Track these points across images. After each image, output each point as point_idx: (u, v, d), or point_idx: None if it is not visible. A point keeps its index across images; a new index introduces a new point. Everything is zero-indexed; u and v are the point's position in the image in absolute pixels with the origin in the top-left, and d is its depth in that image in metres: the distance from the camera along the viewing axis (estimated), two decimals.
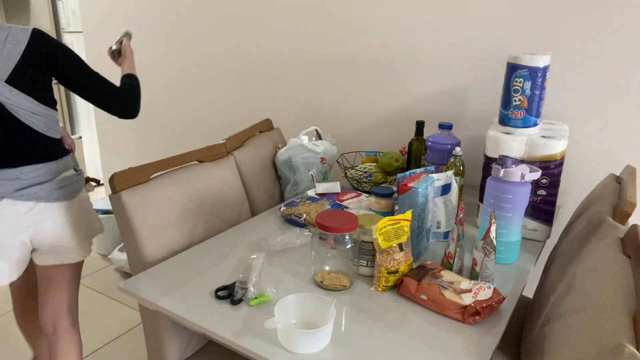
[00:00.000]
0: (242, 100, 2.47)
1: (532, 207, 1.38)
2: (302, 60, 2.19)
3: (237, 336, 0.96)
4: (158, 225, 1.34)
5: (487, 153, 1.42)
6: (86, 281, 2.64)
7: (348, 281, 1.13)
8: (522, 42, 1.67)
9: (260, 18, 2.27)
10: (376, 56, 1.98)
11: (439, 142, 1.61)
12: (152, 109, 2.84)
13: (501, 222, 1.22)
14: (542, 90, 1.35)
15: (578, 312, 0.84)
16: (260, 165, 1.81)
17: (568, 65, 1.61)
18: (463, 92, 1.82)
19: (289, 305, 0.98)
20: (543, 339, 0.89)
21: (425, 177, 1.29)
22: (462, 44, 1.78)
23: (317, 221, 1.11)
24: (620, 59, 1.53)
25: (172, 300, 1.07)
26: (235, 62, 2.43)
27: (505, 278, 1.19)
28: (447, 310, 1.02)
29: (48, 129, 1.38)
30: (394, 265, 1.10)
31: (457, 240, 1.15)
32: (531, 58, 1.32)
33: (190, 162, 1.53)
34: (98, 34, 3.01)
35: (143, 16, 2.72)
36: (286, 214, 1.49)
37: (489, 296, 1.01)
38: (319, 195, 1.64)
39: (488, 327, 1.00)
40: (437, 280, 1.07)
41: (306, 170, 1.79)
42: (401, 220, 1.11)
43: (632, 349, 0.68)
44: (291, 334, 0.91)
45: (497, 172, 1.21)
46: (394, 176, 1.76)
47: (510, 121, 1.39)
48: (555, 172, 1.34)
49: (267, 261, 1.25)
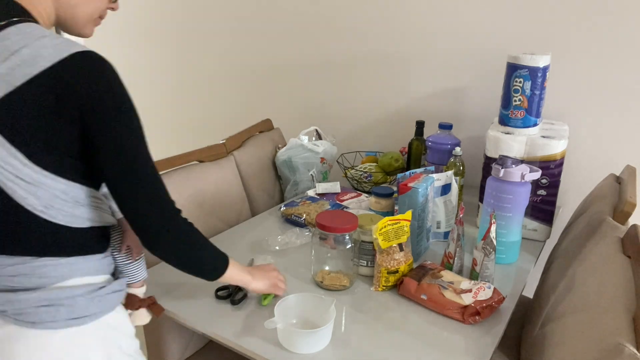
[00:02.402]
0: (242, 100, 2.47)
1: (532, 207, 1.38)
2: (302, 61, 2.19)
3: (237, 336, 0.96)
4: None
5: (487, 153, 1.42)
6: None
7: (348, 281, 1.13)
8: (522, 42, 1.67)
9: (260, 18, 2.27)
10: (376, 56, 1.98)
11: (439, 142, 1.61)
12: (152, 109, 2.84)
13: (501, 222, 1.22)
14: (542, 90, 1.35)
15: (578, 312, 0.84)
16: (260, 165, 1.81)
17: (568, 65, 1.61)
18: (463, 92, 1.82)
19: (289, 305, 0.98)
20: (543, 339, 0.89)
21: (425, 177, 1.29)
22: (462, 44, 1.78)
23: (317, 221, 1.11)
24: (621, 59, 1.53)
25: (172, 301, 1.07)
26: (235, 62, 2.43)
27: (505, 278, 1.19)
28: (447, 310, 1.02)
29: (47, 209, 0.79)
30: (394, 265, 1.10)
31: (457, 240, 1.15)
32: (531, 58, 1.32)
33: (190, 162, 1.53)
34: (98, 35, 3.00)
35: (143, 16, 2.72)
36: (286, 214, 1.49)
37: (489, 296, 1.01)
38: (319, 195, 1.64)
39: (488, 327, 1.00)
40: (437, 280, 1.07)
41: (306, 170, 1.79)
42: (401, 220, 1.11)
43: (632, 349, 0.68)
44: (291, 334, 0.91)
45: (497, 172, 1.21)
46: (394, 176, 1.76)
47: (510, 121, 1.39)
48: (555, 172, 1.34)
49: (268, 261, 1.25)
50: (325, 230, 1.09)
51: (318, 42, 2.12)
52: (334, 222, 1.10)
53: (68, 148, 0.78)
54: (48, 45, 0.75)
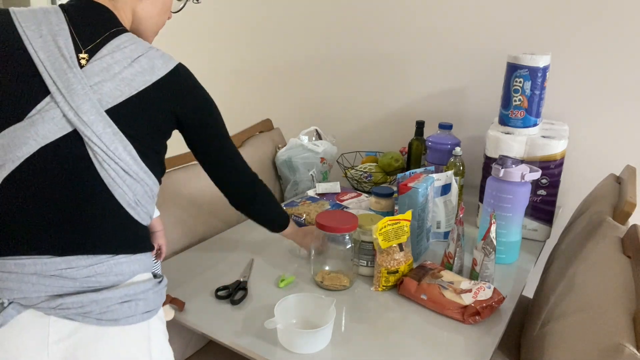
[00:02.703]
0: (242, 100, 2.47)
1: (532, 207, 1.38)
2: (302, 61, 2.19)
3: (237, 336, 0.96)
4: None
5: (487, 153, 1.42)
6: None
7: (348, 281, 1.13)
8: (522, 42, 1.67)
9: (259, 18, 2.27)
10: (376, 56, 1.98)
11: (439, 142, 1.61)
12: None
13: (501, 222, 1.22)
14: (542, 90, 1.35)
15: (578, 312, 0.84)
16: (260, 165, 1.81)
17: (568, 65, 1.61)
18: (463, 92, 1.82)
19: (289, 305, 0.98)
20: (543, 339, 0.89)
21: (425, 177, 1.29)
22: (462, 44, 1.78)
23: (317, 221, 1.11)
24: (621, 59, 1.53)
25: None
26: (235, 62, 2.43)
27: (505, 278, 1.19)
28: (447, 310, 1.02)
29: (137, 205, 0.85)
30: (394, 265, 1.10)
31: (457, 240, 1.15)
32: (531, 58, 1.32)
33: (190, 162, 1.53)
34: None
35: None
36: None
37: (489, 296, 1.01)
38: (319, 195, 1.64)
39: (488, 327, 1.00)
40: (437, 280, 1.06)
41: (306, 170, 1.79)
42: (401, 220, 1.11)
43: (632, 349, 0.68)
44: (291, 334, 0.91)
45: (497, 172, 1.21)
46: (394, 176, 1.76)
47: (510, 121, 1.39)
48: (555, 172, 1.34)
49: (268, 261, 1.25)
50: (325, 230, 1.09)
51: (318, 42, 2.12)
52: (334, 222, 1.10)
53: (163, 147, 0.91)
54: (157, 56, 0.87)
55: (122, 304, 0.81)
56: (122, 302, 0.82)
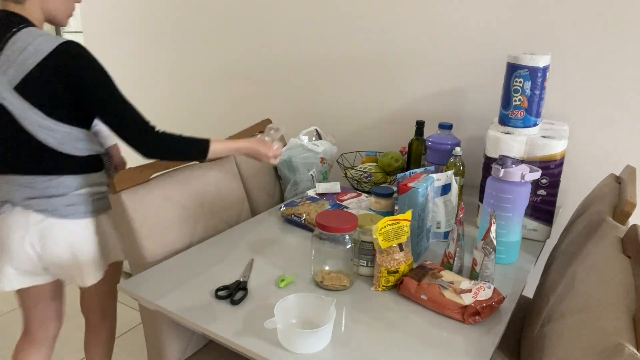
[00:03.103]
0: (242, 100, 2.47)
1: (532, 207, 1.38)
2: (302, 61, 2.19)
3: (237, 336, 0.96)
4: (158, 226, 1.34)
5: (487, 153, 1.42)
6: None
7: (348, 281, 1.13)
8: (522, 42, 1.67)
9: (260, 18, 2.27)
10: (376, 56, 1.98)
11: (439, 142, 1.61)
12: (152, 109, 2.84)
13: (501, 222, 1.22)
14: (542, 90, 1.35)
15: (578, 312, 0.84)
16: (260, 165, 1.81)
17: (568, 65, 1.61)
18: (463, 92, 1.82)
19: (289, 305, 0.98)
20: (543, 339, 0.89)
21: (425, 177, 1.29)
22: (462, 44, 1.78)
23: (317, 221, 1.11)
24: (621, 59, 1.53)
25: (172, 300, 1.07)
26: (235, 62, 2.43)
27: (505, 278, 1.19)
28: (447, 310, 1.02)
29: (61, 145, 1.25)
30: (394, 265, 1.10)
31: (457, 240, 1.15)
32: (531, 58, 1.32)
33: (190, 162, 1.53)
34: (98, 34, 3.00)
35: (143, 16, 2.72)
36: (286, 214, 1.49)
37: (489, 296, 1.01)
38: (319, 195, 1.64)
39: (488, 327, 1.00)
40: (437, 280, 1.07)
41: (306, 170, 1.79)
42: (401, 220, 1.11)
43: (632, 349, 0.68)
44: (291, 334, 0.91)
45: (497, 172, 1.21)
46: (394, 176, 1.76)
47: (510, 121, 1.39)
48: (555, 172, 1.34)
49: (268, 261, 1.25)
50: (325, 230, 1.09)
51: (318, 42, 2.12)
52: (334, 222, 1.10)
53: (69, 104, 1.24)
54: (43, 41, 1.21)
55: (67, 207, 1.30)
56: (67, 205, 1.30)
